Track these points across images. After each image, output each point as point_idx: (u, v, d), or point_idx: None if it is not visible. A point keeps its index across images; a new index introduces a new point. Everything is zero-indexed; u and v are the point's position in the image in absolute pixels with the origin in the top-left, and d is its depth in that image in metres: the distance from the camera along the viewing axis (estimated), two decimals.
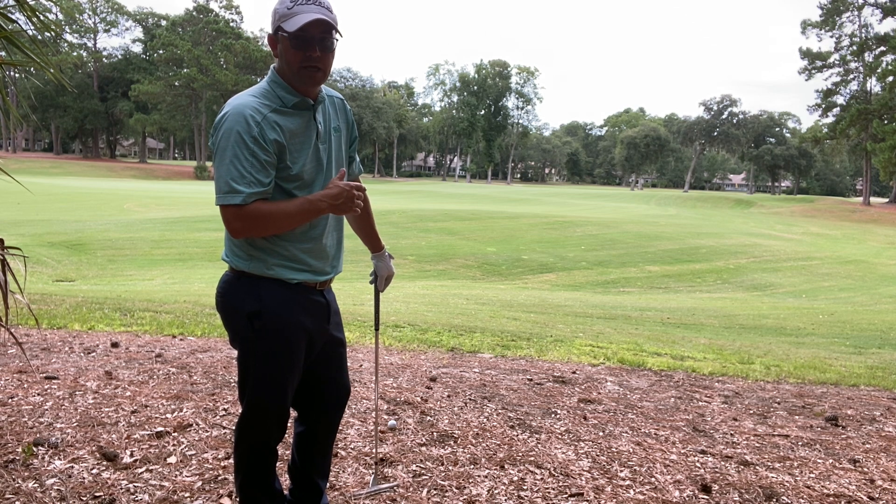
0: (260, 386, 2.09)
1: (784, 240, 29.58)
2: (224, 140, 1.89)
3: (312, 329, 2.13)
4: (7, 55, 3.17)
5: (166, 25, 76.21)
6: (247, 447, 2.16)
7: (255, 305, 2.03)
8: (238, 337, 2.09)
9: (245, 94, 1.99)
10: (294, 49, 1.93)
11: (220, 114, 1.94)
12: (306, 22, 1.89)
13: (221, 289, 2.11)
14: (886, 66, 50.61)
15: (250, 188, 1.87)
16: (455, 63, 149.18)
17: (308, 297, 2.12)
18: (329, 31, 1.94)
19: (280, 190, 1.99)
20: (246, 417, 2.13)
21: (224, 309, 2.11)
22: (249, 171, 1.87)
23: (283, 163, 1.96)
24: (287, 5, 1.93)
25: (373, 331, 6.27)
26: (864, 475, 3.14)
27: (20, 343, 3.17)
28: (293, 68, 1.96)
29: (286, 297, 2.05)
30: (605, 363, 5.58)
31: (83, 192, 32.86)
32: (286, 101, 1.99)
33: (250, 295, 2.04)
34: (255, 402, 2.11)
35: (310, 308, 2.12)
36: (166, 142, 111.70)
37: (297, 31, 1.90)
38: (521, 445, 3.26)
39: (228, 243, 2.08)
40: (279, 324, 2.04)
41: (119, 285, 11.49)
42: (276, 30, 1.96)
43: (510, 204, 39.96)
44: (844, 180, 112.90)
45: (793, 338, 9.20)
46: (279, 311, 2.04)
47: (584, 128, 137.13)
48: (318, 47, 1.94)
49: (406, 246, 19.23)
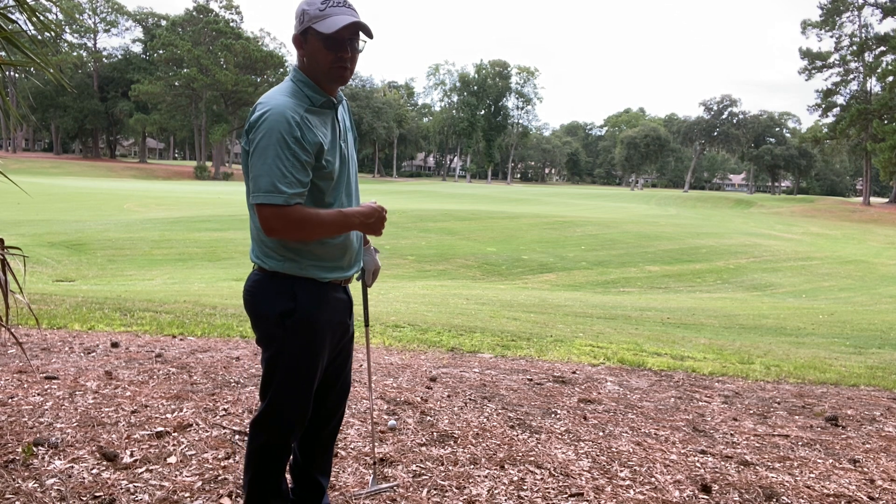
0: (287, 383, 2.11)
1: (784, 240, 29.58)
2: (265, 139, 1.90)
3: (338, 324, 2.18)
4: (7, 55, 3.17)
5: (166, 25, 76.17)
6: (262, 444, 2.16)
7: (288, 304, 2.05)
8: (267, 335, 2.10)
9: (277, 93, 2.00)
10: (327, 50, 1.97)
11: (258, 113, 1.95)
12: (344, 24, 1.93)
13: (251, 288, 2.12)
14: (886, 66, 50.60)
15: (292, 188, 1.90)
16: (455, 63, 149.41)
17: (335, 294, 2.16)
18: (357, 33, 1.99)
19: (314, 187, 2.02)
20: (268, 414, 2.14)
21: (253, 308, 2.12)
22: (291, 171, 1.90)
23: (320, 162, 1.99)
24: (318, 7, 1.96)
25: (370, 329, 6.31)
26: (864, 475, 3.14)
27: (20, 343, 3.17)
28: (324, 68, 1.99)
29: (319, 295, 2.09)
30: (605, 363, 5.58)
31: (83, 192, 32.86)
32: (314, 101, 2.02)
33: (283, 294, 2.06)
34: (280, 399, 2.12)
35: (336, 305, 2.17)
36: (166, 142, 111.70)
37: (335, 32, 1.94)
38: (521, 445, 3.26)
39: (259, 244, 2.08)
40: (310, 321, 2.07)
41: (119, 285, 11.49)
42: (305, 30, 1.98)
43: (510, 204, 39.95)
44: (844, 180, 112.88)
45: (793, 338, 9.19)
46: (311, 309, 2.07)
47: (584, 128, 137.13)
48: (349, 48, 1.99)
49: (406, 246, 19.22)
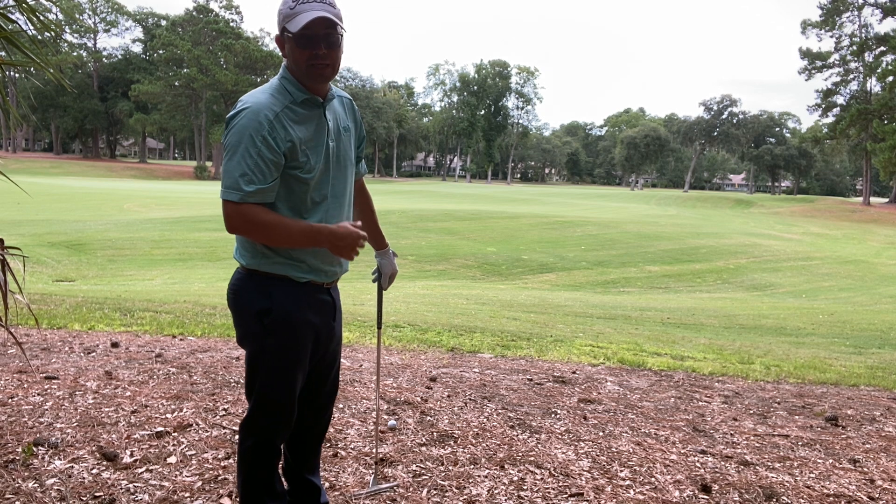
0: (269, 383, 2.10)
1: (784, 240, 29.58)
2: (235, 137, 1.91)
3: (320, 326, 2.16)
4: (7, 55, 3.17)
5: (166, 25, 76.19)
6: (251, 445, 2.16)
7: (265, 303, 2.05)
8: (248, 334, 2.10)
9: (259, 91, 2.01)
10: (300, 48, 1.94)
11: (235, 110, 1.95)
12: (308, 20, 1.90)
13: (233, 286, 2.13)
14: (886, 66, 50.59)
15: (250, 186, 1.89)
16: (455, 63, 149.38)
17: (316, 295, 2.14)
18: (333, 27, 1.94)
19: (294, 184, 2.00)
20: (253, 415, 2.14)
21: (235, 305, 2.13)
22: (253, 169, 1.89)
23: (296, 160, 1.98)
24: (289, 5, 1.93)
25: (373, 330, 6.30)
26: (864, 475, 3.14)
27: (20, 343, 3.17)
28: (301, 67, 1.97)
29: (295, 295, 2.08)
30: (605, 363, 5.58)
31: (83, 192, 32.85)
32: (296, 98, 2.01)
33: (261, 293, 2.06)
34: (263, 400, 2.12)
35: (317, 306, 2.15)
36: (166, 142, 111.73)
37: (301, 30, 1.91)
38: (521, 445, 3.25)
39: (238, 242, 2.11)
40: (288, 321, 2.06)
41: (119, 285, 11.49)
42: (281, 31, 1.98)
43: (510, 204, 39.94)
44: (844, 180, 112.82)
45: (793, 338, 9.19)
46: (289, 308, 2.06)
47: (584, 128, 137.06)
48: (323, 45, 1.94)
49: (406, 246, 19.23)
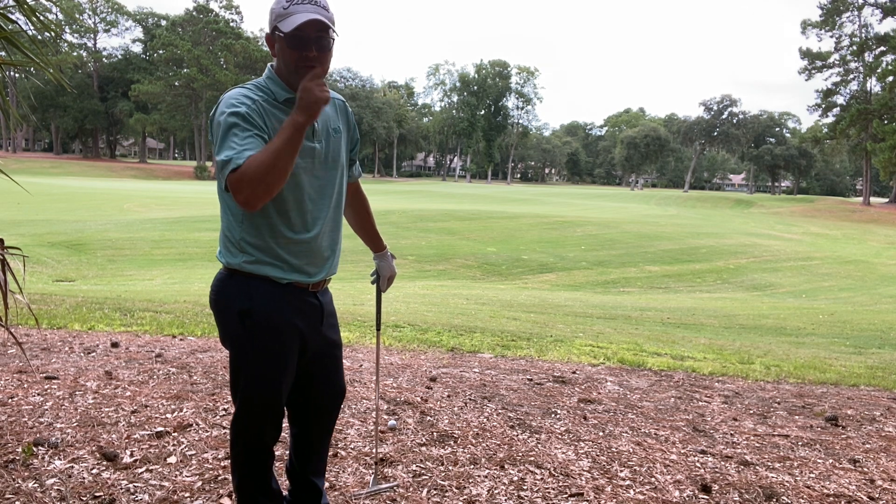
0: (251, 384, 2.07)
1: (784, 240, 29.58)
2: (218, 129, 1.90)
3: (305, 330, 2.12)
4: (7, 55, 3.17)
5: (166, 25, 76.22)
6: (242, 447, 2.15)
7: (245, 304, 2.02)
8: (229, 334, 2.08)
9: (237, 87, 2.01)
10: (291, 49, 1.94)
11: (214, 110, 1.95)
12: (302, 22, 1.89)
13: (214, 286, 2.11)
14: (886, 66, 50.61)
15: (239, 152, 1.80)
16: (455, 63, 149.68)
17: (300, 297, 2.10)
18: (325, 30, 1.94)
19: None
20: (239, 417, 2.12)
21: (216, 305, 2.11)
22: (239, 143, 1.82)
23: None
24: (283, 5, 1.93)
25: (373, 331, 6.30)
26: (864, 475, 3.14)
27: (20, 343, 3.17)
28: (290, 68, 1.97)
29: (277, 296, 2.04)
30: (605, 363, 5.58)
31: (83, 192, 32.85)
32: (277, 96, 1.99)
33: (241, 293, 2.03)
34: (247, 401, 2.09)
35: (302, 309, 2.11)
36: (166, 142, 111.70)
37: (293, 30, 1.90)
38: (521, 445, 3.25)
39: (223, 241, 2.08)
40: (270, 322, 2.03)
41: (119, 285, 11.49)
42: (272, 29, 1.97)
43: (510, 204, 39.94)
44: (844, 180, 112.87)
45: (793, 338, 9.19)
46: (269, 309, 2.03)
47: (584, 128, 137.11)
48: (314, 47, 1.93)
49: (406, 246, 19.23)
